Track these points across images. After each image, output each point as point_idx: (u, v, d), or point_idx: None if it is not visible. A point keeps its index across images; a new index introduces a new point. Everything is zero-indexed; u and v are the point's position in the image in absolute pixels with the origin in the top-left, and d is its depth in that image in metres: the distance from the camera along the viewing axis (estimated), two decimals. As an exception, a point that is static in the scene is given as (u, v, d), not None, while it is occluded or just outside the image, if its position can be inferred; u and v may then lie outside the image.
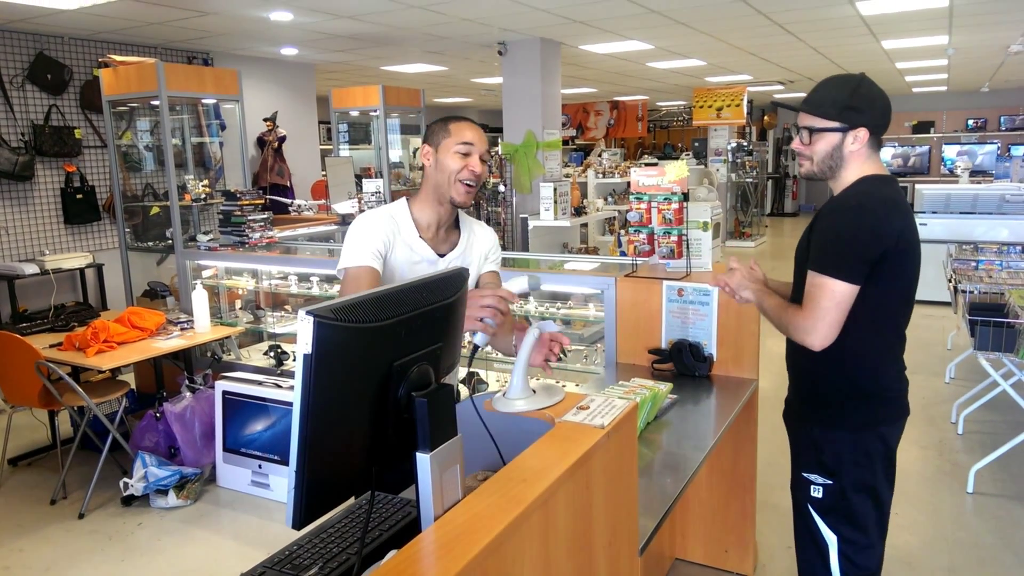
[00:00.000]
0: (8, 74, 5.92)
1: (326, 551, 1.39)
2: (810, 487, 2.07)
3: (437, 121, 2.14)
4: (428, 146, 2.12)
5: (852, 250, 1.87)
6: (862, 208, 1.90)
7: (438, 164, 2.08)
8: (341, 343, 1.14)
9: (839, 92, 1.97)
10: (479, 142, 2.09)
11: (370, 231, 2.04)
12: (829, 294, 1.88)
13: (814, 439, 2.07)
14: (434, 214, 2.13)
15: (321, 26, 6.37)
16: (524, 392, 1.66)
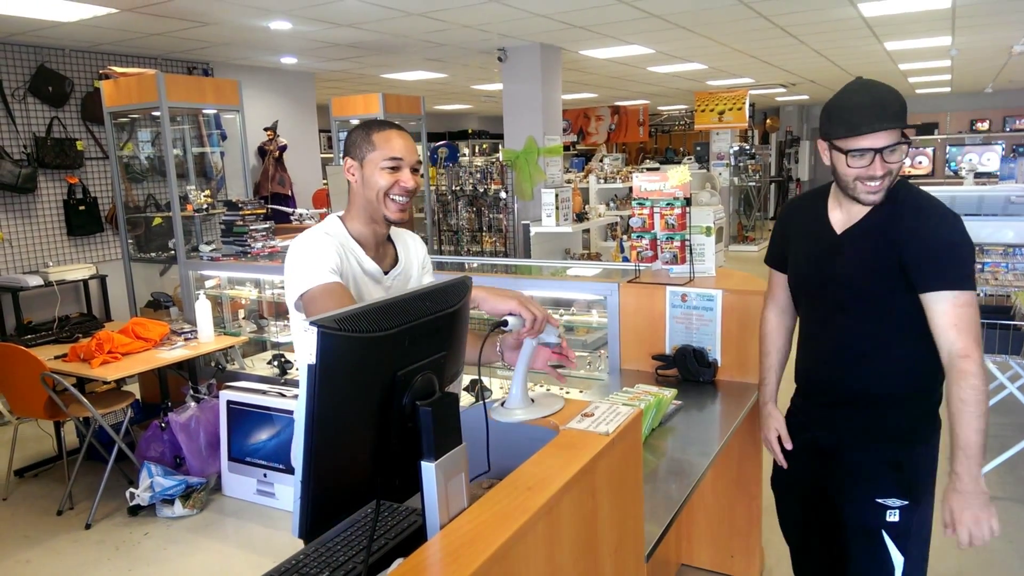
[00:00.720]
0: (10, 86, 5.94)
1: (333, 559, 1.39)
2: (886, 512, 1.93)
3: (357, 129, 1.95)
4: (351, 160, 1.94)
5: (970, 256, 1.78)
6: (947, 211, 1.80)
7: (364, 180, 1.92)
8: (345, 353, 1.14)
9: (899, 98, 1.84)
10: (408, 153, 1.93)
11: (321, 250, 1.84)
12: (975, 308, 1.75)
13: (893, 459, 1.92)
14: (370, 232, 1.98)
15: (320, 35, 6.39)
16: (523, 402, 1.65)
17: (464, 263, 5.31)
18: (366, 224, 1.96)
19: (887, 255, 1.84)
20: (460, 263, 5.45)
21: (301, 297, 1.79)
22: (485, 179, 7.46)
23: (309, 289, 1.77)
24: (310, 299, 1.76)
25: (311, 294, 1.76)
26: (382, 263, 2.00)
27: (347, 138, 1.96)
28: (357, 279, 1.92)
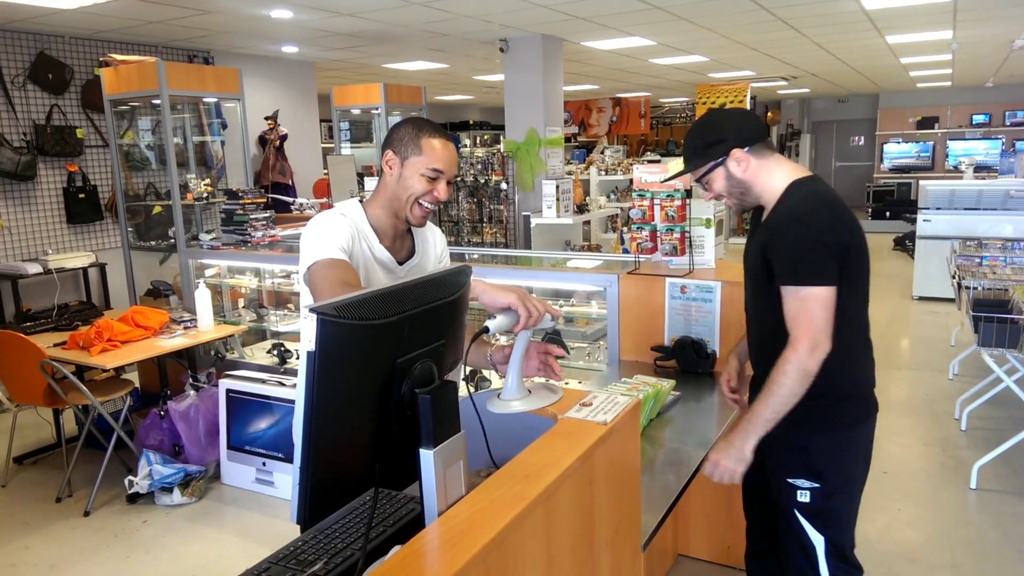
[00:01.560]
0: (9, 74, 5.93)
1: (331, 547, 1.39)
2: (796, 492, 2.03)
3: (408, 126, 1.92)
4: (393, 154, 1.92)
5: (823, 253, 1.86)
6: (815, 211, 1.90)
7: (401, 178, 1.91)
8: (345, 340, 1.15)
9: (694, 139, 2.06)
10: (451, 166, 1.92)
11: (334, 229, 1.86)
12: (817, 302, 1.85)
13: (800, 444, 2.02)
14: (390, 223, 1.98)
15: (322, 24, 6.37)
16: (519, 393, 1.65)
17: (465, 254, 5.31)
18: (387, 216, 1.96)
19: (760, 253, 1.98)
20: (461, 253, 5.45)
21: (308, 269, 1.80)
22: (486, 170, 7.44)
23: (315, 261, 1.79)
24: (314, 271, 1.78)
25: (316, 266, 1.78)
26: (397, 254, 2.00)
27: (395, 130, 1.94)
28: (367, 264, 1.92)
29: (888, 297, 8.39)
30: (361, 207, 1.97)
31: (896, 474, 4.04)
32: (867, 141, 17.67)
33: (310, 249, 1.82)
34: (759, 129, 2.04)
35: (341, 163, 6.52)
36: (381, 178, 1.96)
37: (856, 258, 1.92)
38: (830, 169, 18.55)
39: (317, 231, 1.86)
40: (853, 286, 1.94)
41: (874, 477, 3.96)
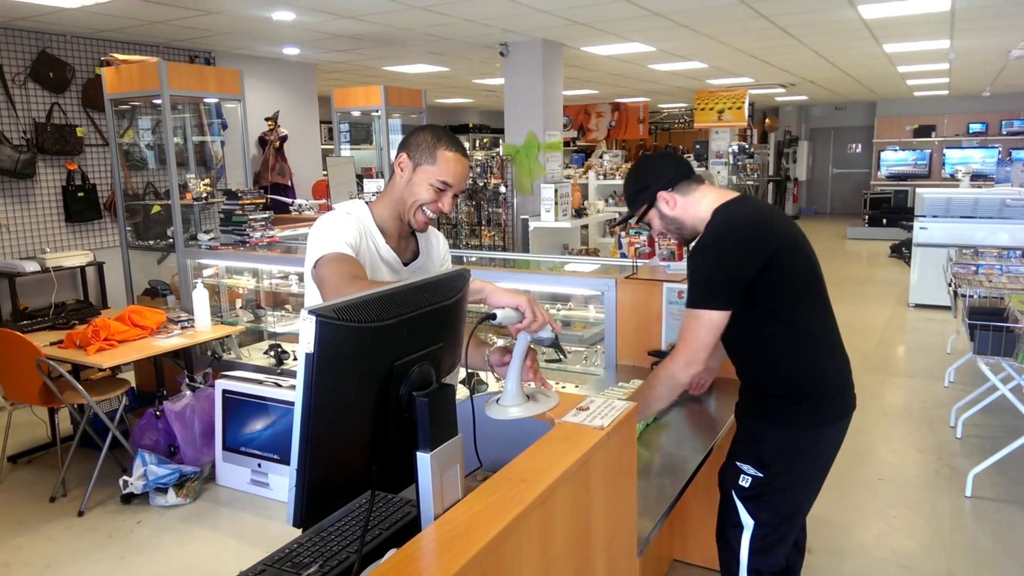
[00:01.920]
0: (10, 72, 5.92)
1: (326, 549, 1.40)
2: (739, 475, 2.15)
3: (427, 133, 1.94)
4: (407, 158, 1.94)
5: (719, 280, 2.00)
6: (720, 240, 2.04)
7: (410, 183, 1.94)
8: (343, 342, 1.15)
9: (628, 187, 2.26)
10: (460, 182, 1.95)
11: (342, 226, 1.88)
12: (703, 323, 2.01)
13: (756, 433, 2.14)
14: (395, 223, 2.00)
15: (323, 26, 6.37)
16: (518, 399, 1.65)
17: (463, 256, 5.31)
18: (392, 217, 1.99)
19: None
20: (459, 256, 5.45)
21: (316, 263, 1.81)
22: (485, 173, 7.45)
23: (323, 255, 1.80)
24: (321, 264, 1.80)
25: (323, 260, 1.80)
26: (402, 254, 2.03)
27: (413, 134, 1.95)
28: (374, 263, 1.94)
29: (884, 304, 8.40)
30: (367, 207, 1.99)
31: (891, 481, 4.05)
32: (864, 148, 17.72)
33: (318, 244, 1.84)
34: (681, 168, 2.21)
35: (340, 165, 6.52)
36: (391, 178, 1.99)
37: (779, 267, 2.00)
38: (827, 176, 18.59)
39: (325, 228, 1.87)
40: (787, 292, 2.03)
41: (869, 483, 3.98)
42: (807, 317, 2.09)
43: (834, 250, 12.88)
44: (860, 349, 6.46)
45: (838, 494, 3.88)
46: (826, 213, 18.58)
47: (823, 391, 2.10)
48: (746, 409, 2.20)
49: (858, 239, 14.16)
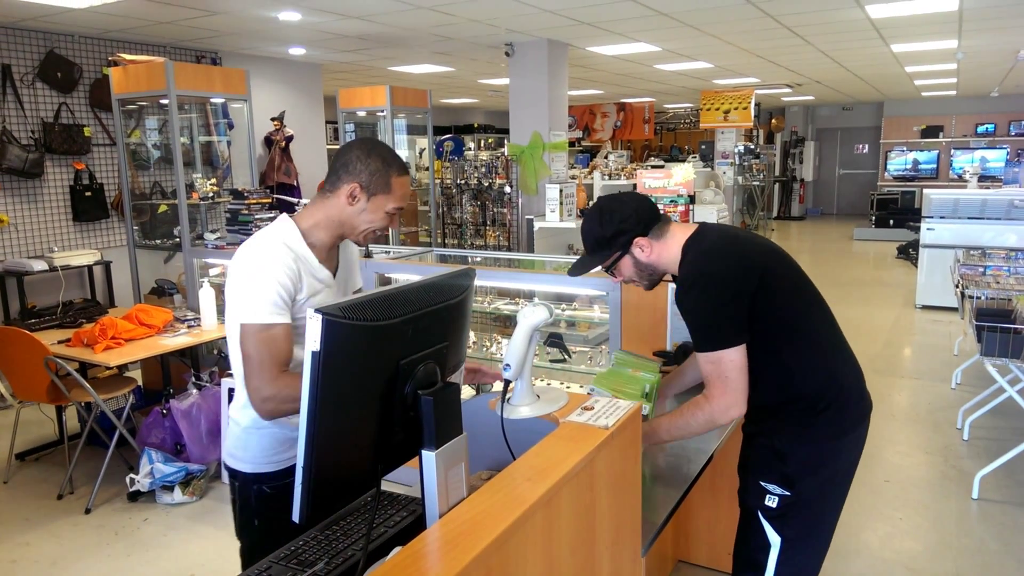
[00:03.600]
0: (19, 72, 5.95)
1: (331, 547, 1.40)
2: (765, 496, 2.07)
3: (376, 159, 1.86)
4: (360, 189, 1.85)
5: (723, 318, 1.92)
6: (706, 278, 1.95)
7: (363, 213, 1.87)
8: (349, 341, 1.15)
9: (594, 231, 2.08)
10: (406, 200, 1.94)
11: (281, 279, 1.77)
12: (729, 364, 1.92)
13: (777, 450, 2.05)
14: (330, 239, 1.92)
15: (329, 26, 6.39)
16: (529, 398, 1.66)
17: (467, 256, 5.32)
18: (330, 236, 1.91)
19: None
20: (463, 256, 5.46)
21: (241, 326, 1.75)
22: (490, 173, 7.46)
23: (251, 324, 1.74)
24: (247, 337, 1.74)
25: (250, 331, 1.74)
26: (331, 266, 1.96)
27: (360, 160, 1.86)
28: (312, 287, 1.87)
29: (891, 306, 8.38)
30: (295, 225, 1.89)
31: (897, 483, 4.04)
32: (871, 149, 17.67)
33: (246, 300, 1.75)
34: (654, 211, 2.10)
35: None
36: (330, 200, 1.88)
37: (775, 288, 1.96)
38: (834, 176, 18.54)
39: (256, 277, 1.77)
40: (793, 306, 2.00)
41: (875, 485, 3.97)
42: (811, 321, 2.05)
43: (841, 251, 12.84)
44: (867, 350, 6.44)
45: (844, 495, 3.87)
46: (833, 214, 18.53)
47: (844, 393, 2.05)
48: (761, 428, 2.10)
49: (865, 240, 14.12)
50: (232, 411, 1.93)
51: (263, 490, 1.90)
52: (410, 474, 1.35)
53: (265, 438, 1.88)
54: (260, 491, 1.90)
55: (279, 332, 1.74)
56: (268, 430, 1.88)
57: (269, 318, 1.73)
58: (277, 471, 1.90)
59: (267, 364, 1.70)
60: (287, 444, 1.91)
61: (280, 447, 1.91)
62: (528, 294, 4.10)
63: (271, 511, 1.91)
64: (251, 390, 1.73)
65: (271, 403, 1.71)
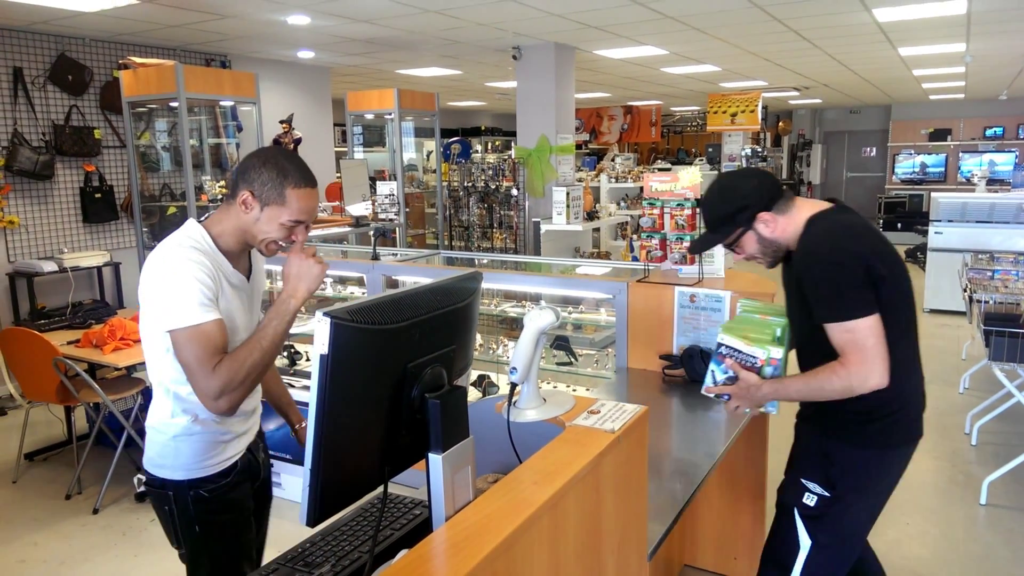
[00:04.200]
0: (30, 75, 5.99)
1: (338, 549, 1.41)
2: (804, 493, 2.07)
3: (271, 169, 1.79)
4: (253, 198, 1.80)
5: (856, 288, 1.88)
6: (836, 245, 1.92)
7: (258, 222, 1.82)
8: (357, 344, 1.16)
9: (716, 208, 2.08)
10: (311, 215, 1.86)
11: (200, 277, 1.74)
12: (866, 331, 1.86)
13: (825, 451, 2.05)
14: (237, 246, 1.89)
15: (337, 30, 6.41)
16: (535, 401, 1.67)
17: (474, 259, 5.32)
18: (238, 244, 1.89)
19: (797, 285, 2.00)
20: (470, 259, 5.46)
21: (170, 334, 1.71)
22: (497, 176, 7.47)
23: (181, 329, 1.70)
24: (180, 342, 1.70)
25: (182, 336, 1.70)
26: (243, 270, 1.95)
27: (255, 168, 1.80)
28: (227, 292, 1.85)
29: (899, 309, 8.35)
30: (207, 232, 1.85)
31: (905, 488, 4.01)
32: (879, 152, 17.61)
33: (172, 306, 1.71)
34: (777, 185, 2.07)
35: (354, 167, 6.55)
36: (232, 208, 1.84)
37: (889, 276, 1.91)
38: (841, 179, 18.48)
39: (178, 280, 1.73)
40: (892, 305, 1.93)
41: (882, 490, 3.96)
42: (903, 333, 1.99)
43: (848, 254, 12.78)
44: (874, 354, 6.41)
45: (850, 500, 3.86)
46: (840, 217, 18.44)
47: (908, 409, 2.03)
48: (816, 425, 2.08)
49: (872, 243, 14.05)
50: (153, 422, 1.88)
51: (201, 494, 1.88)
52: (417, 476, 1.35)
53: (197, 443, 1.86)
54: (198, 495, 1.88)
55: (211, 328, 1.72)
56: (200, 436, 1.86)
57: (198, 317, 1.70)
58: (213, 474, 1.89)
59: (206, 361, 1.68)
60: (219, 447, 1.91)
61: (213, 451, 1.89)
62: (535, 297, 4.10)
63: (211, 514, 1.91)
64: (201, 395, 1.71)
65: (224, 396, 1.69)
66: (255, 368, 1.72)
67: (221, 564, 1.97)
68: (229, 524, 1.96)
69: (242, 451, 1.98)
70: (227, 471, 1.92)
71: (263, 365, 1.73)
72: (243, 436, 1.99)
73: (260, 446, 2.11)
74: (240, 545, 2.01)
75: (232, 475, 1.93)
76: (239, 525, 2.00)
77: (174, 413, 1.84)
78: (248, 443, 2.02)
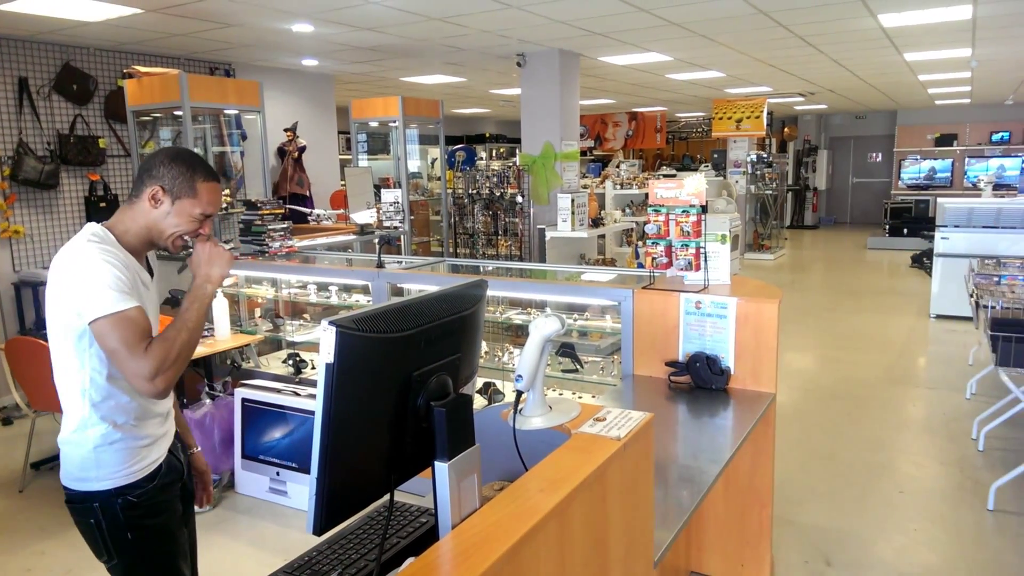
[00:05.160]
0: (35, 84, 6.03)
1: (345, 557, 1.41)
2: None
3: (181, 164, 1.88)
4: (163, 192, 1.87)
5: None
6: None
7: (168, 216, 1.88)
8: (362, 353, 1.16)
9: None
10: (218, 206, 1.96)
11: (116, 269, 1.77)
12: None
13: None
14: (144, 246, 1.93)
15: (342, 37, 6.44)
16: (541, 408, 1.66)
17: (479, 266, 5.33)
18: (143, 243, 1.92)
19: None
20: (475, 266, 5.47)
21: (92, 325, 1.73)
22: (502, 183, 7.48)
23: (102, 317, 1.71)
24: (103, 330, 1.72)
25: (105, 325, 1.72)
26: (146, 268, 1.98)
27: (164, 165, 1.88)
28: (140, 289, 1.86)
29: (906, 315, 8.32)
30: (112, 235, 1.87)
31: (912, 494, 4.00)
32: (885, 158, 17.60)
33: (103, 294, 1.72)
34: None
35: (358, 175, 6.57)
36: (136, 206, 1.89)
37: None
38: (847, 185, 18.47)
39: (103, 273, 1.75)
40: None
41: (890, 496, 3.94)
42: None
43: (854, 260, 12.77)
44: (881, 360, 6.40)
45: (859, 507, 3.84)
46: (846, 223, 18.44)
47: None
48: None
49: (878, 249, 14.04)
50: (69, 436, 1.87)
51: (130, 500, 1.88)
52: (423, 484, 1.35)
53: (119, 451, 1.86)
54: (127, 502, 1.88)
55: (135, 313, 1.74)
56: (121, 443, 1.86)
57: (119, 305, 1.73)
58: (140, 479, 1.89)
59: (135, 345, 1.71)
60: (141, 452, 1.91)
61: (135, 456, 1.89)
62: (540, 304, 4.10)
63: (143, 518, 1.91)
64: (135, 378, 1.72)
65: (160, 375, 1.71)
66: (184, 347, 1.78)
67: (160, 566, 1.98)
68: (162, 526, 1.97)
69: (164, 453, 1.99)
70: (152, 475, 1.93)
71: (191, 345, 1.80)
72: (162, 439, 1.99)
73: (179, 446, 2.11)
74: (177, 544, 2.02)
75: (158, 478, 1.94)
76: (172, 525, 2.00)
77: (90, 423, 1.84)
78: (168, 445, 2.03)
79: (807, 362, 6.52)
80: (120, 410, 1.86)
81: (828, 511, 3.81)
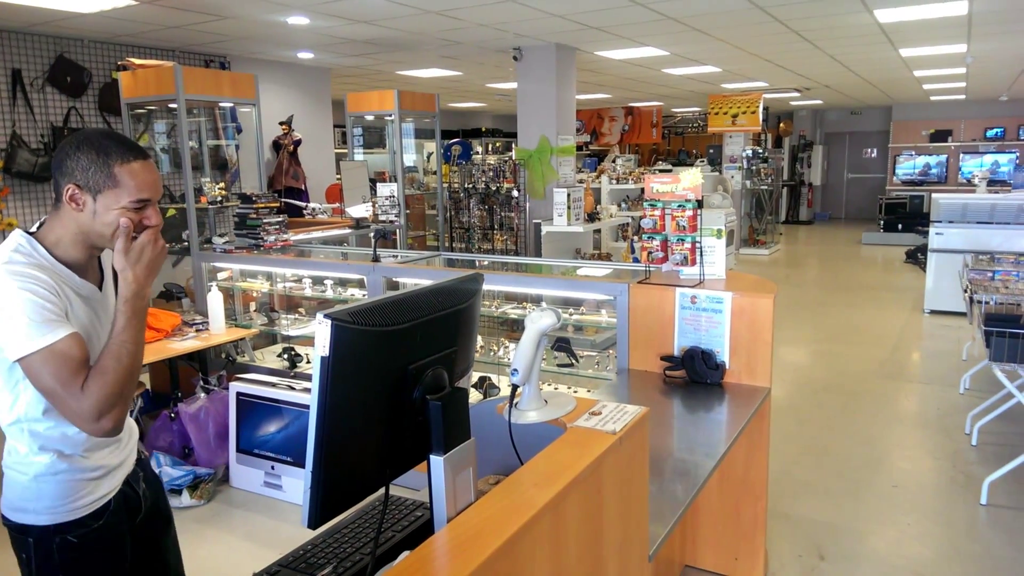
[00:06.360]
0: (29, 76, 6.00)
1: (340, 551, 1.41)
2: None
3: (88, 151, 1.57)
4: (80, 190, 1.58)
5: None
6: None
7: (97, 215, 1.59)
8: (358, 346, 1.16)
9: None
10: (155, 190, 1.63)
11: (40, 292, 1.53)
12: None
13: None
14: (86, 254, 1.67)
15: (337, 30, 6.41)
16: (536, 402, 1.67)
17: (475, 261, 5.32)
18: (82, 250, 1.65)
19: None
20: (471, 260, 5.46)
21: (21, 363, 1.50)
22: (498, 177, 7.47)
23: (30, 355, 1.48)
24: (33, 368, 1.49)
25: (34, 362, 1.49)
26: (94, 279, 1.72)
27: (70, 158, 1.58)
28: (76, 307, 1.63)
29: (900, 310, 8.35)
30: (39, 244, 1.63)
31: (905, 488, 4.02)
32: (880, 153, 17.62)
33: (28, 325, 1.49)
34: None
35: (354, 168, 6.56)
36: (61, 211, 1.63)
37: None
38: (842, 181, 18.50)
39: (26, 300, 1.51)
40: None
41: (883, 490, 3.95)
42: None
43: (849, 255, 12.80)
44: (875, 355, 6.42)
45: (852, 501, 3.85)
46: (841, 218, 18.48)
47: None
48: None
49: (873, 244, 14.08)
50: (10, 462, 1.65)
51: (68, 540, 1.64)
52: (418, 478, 1.35)
53: (62, 484, 1.64)
54: (64, 542, 1.64)
55: (66, 345, 1.50)
56: (66, 474, 1.64)
57: (45, 339, 1.49)
58: (81, 518, 1.66)
59: (70, 382, 1.48)
60: (89, 485, 1.68)
61: (82, 490, 1.67)
62: (535, 298, 4.10)
63: (80, 561, 1.67)
64: (78, 421, 1.50)
65: (105, 416, 1.50)
66: (126, 375, 1.53)
67: None
68: (99, 570, 1.72)
69: (117, 487, 1.74)
70: (99, 512, 1.69)
71: (133, 370, 1.55)
72: (118, 470, 1.75)
73: (140, 476, 1.85)
74: None
75: (105, 516, 1.70)
76: (112, 569, 1.74)
77: (32, 452, 1.62)
78: (125, 475, 1.78)
79: (801, 357, 6.53)
80: (66, 441, 1.63)
81: (822, 505, 3.83)
